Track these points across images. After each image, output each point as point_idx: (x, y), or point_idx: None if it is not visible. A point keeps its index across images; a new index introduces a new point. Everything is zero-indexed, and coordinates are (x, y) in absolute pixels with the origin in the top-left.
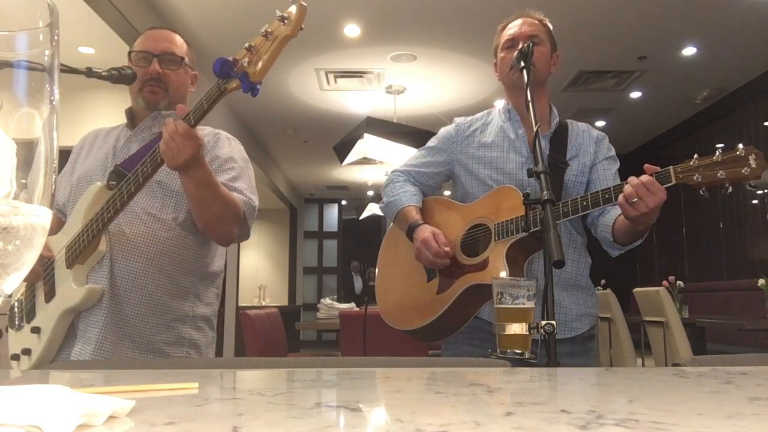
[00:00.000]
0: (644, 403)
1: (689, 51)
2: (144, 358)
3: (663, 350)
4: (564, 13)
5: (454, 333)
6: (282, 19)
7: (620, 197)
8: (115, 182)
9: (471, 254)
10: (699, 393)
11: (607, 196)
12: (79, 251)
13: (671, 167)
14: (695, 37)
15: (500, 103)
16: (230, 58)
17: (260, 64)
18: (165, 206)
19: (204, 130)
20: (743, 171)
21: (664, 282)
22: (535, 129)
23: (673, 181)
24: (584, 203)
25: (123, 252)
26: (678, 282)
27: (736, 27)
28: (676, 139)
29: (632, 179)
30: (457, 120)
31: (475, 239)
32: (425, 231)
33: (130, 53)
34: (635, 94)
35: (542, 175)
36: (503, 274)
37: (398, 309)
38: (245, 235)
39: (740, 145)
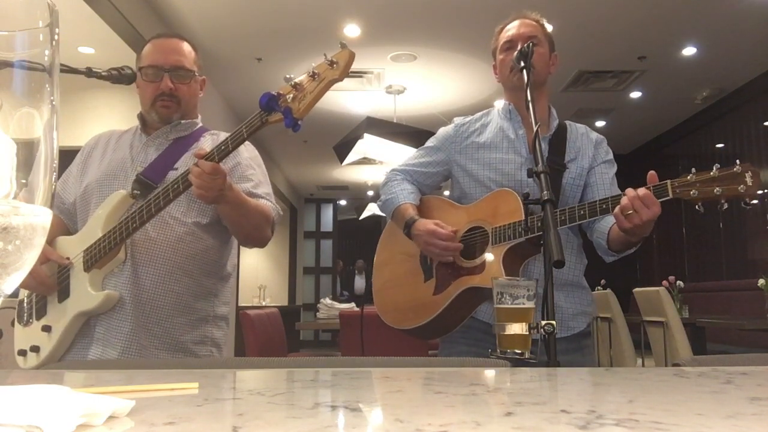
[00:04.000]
0: (644, 403)
1: (689, 51)
2: (173, 357)
3: (663, 350)
4: (564, 13)
5: (450, 332)
6: (331, 63)
7: (616, 209)
8: (138, 191)
9: (468, 256)
10: (699, 393)
11: (604, 206)
12: (99, 256)
13: (669, 181)
14: (695, 37)
15: (500, 103)
16: (275, 93)
17: (304, 102)
18: (189, 210)
19: (219, 136)
20: (740, 188)
21: (664, 282)
22: (535, 129)
23: (670, 195)
24: (581, 212)
25: (149, 255)
26: (678, 282)
27: (736, 27)
28: (676, 139)
29: (629, 191)
30: (456, 120)
31: (473, 242)
32: (428, 223)
33: (140, 68)
34: (635, 94)
35: (542, 175)
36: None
37: (395, 308)
38: (272, 234)
39: (737, 161)
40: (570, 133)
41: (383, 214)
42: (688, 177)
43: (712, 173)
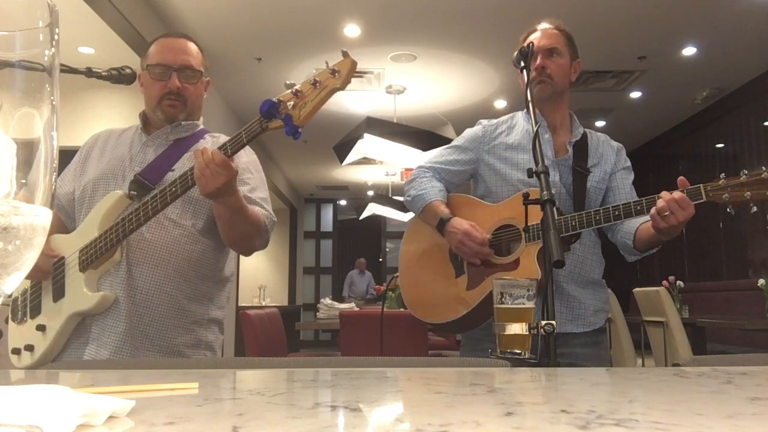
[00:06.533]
0: (644, 403)
1: (689, 51)
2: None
3: (663, 350)
4: (564, 13)
5: (477, 327)
6: (333, 72)
7: (653, 210)
8: (135, 192)
9: (499, 253)
10: (699, 393)
11: (639, 207)
12: (95, 257)
13: (701, 185)
14: (695, 37)
15: (501, 103)
16: (276, 100)
17: (305, 110)
18: (184, 213)
19: (220, 138)
20: (767, 193)
21: (664, 282)
22: (535, 129)
23: (704, 199)
24: (616, 213)
25: (144, 257)
26: (678, 282)
27: (736, 27)
28: (676, 139)
29: (665, 194)
30: (482, 122)
31: (505, 239)
32: (464, 223)
33: (147, 66)
34: (635, 94)
35: (542, 176)
36: (536, 275)
37: (426, 303)
38: (264, 245)
39: (763, 168)
40: (591, 140)
41: (409, 208)
42: (720, 182)
43: (741, 178)
